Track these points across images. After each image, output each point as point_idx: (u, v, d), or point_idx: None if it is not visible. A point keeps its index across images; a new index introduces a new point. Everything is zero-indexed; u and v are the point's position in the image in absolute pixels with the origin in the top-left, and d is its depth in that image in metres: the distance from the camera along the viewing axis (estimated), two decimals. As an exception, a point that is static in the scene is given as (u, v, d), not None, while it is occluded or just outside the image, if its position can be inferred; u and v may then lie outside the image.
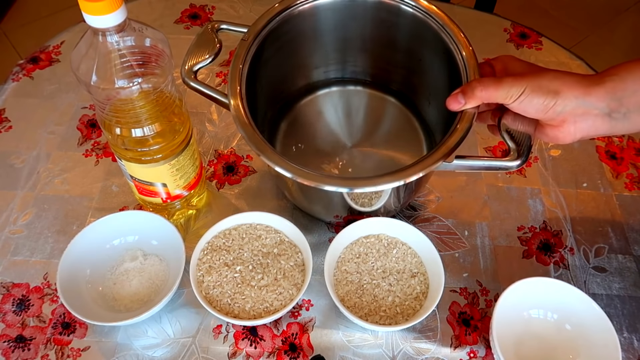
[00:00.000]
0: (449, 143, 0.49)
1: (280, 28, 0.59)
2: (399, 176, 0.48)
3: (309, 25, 0.62)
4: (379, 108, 0.70)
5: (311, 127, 0.68)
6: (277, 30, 0.59)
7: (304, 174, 0.48)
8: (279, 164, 0.48)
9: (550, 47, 0.82)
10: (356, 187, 0.48)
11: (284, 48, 0.62)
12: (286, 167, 0.48)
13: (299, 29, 0.62)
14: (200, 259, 0.55)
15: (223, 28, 0.59)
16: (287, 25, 0.60)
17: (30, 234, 0.61)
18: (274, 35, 0.59)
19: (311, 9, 0.60)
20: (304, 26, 0.62)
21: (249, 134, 0.50)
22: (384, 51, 0.67)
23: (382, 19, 0.62)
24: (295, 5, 0.59)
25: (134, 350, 0.53)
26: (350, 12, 0.62)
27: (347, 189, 0.48)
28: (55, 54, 0.80)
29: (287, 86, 0.69)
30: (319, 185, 0.48)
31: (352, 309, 0.53)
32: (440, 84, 0.61)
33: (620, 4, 1.96)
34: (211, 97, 0.54)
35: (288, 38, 0.62)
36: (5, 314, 0.55)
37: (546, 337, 0.53)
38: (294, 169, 0.48)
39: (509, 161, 0.49)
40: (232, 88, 0.53)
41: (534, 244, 0.62)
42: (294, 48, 0.64)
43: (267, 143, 0.50)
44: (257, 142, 0.50)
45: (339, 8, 0.62)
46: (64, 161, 0.68)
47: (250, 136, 0.50)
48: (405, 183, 0.48)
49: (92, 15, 0.41)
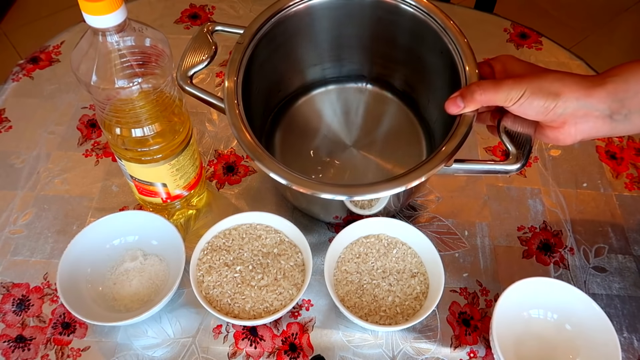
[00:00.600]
0: (447, 148, 0.49)
1: (276, 29, 0.59)
2: (398, 183, 0.48)
3: (305, 25, 0.62)
4: (378, 106, 0.70)
5: (309, 126, 0.68)
6: (272, 31, 0.59)
7: (301, 182, 0.48)
8: (277, 171, 0.48)
9: (550, 47, 0.82)
10: (355, 195, 0.48)
11: (280, 49, 0.62)
12: (283, 174, 0.48)
13: (295, 28, 0.62)
14: (200, 259, 0.55)
15: (218, 30, 0.59)
16: (283, 25, 0.60)
17: (30, 234, 0.61)
18: (270, 37, 0.59)
19: (307, 9, 0.60)
20: (300, 26, 0.62)
21: (246, 141, 0.50)
22: (382, 49, 0.67)
23: (379, 17, 0.62)
24: (290, 6, 0.59)
25: (134, 350, 0.53)
26: (346, 10, 0.62)
27: (346, 197, 0.48)
28: (55, 54, 0.80)
29: (284, 86, 0.69)
30: (316, 193, 0.48)
31: (352, 309, 0.53)
32: (439, 82, 0.61)
33: (620, 4, 1.96)
34: (207, 101, 0.54)
35: (284, 39, 0.62)
36: (5, 314, 0.55)
37: (546, 337, 0.53)
38: (291, 176, 0.48)
39: (509, 164, 0.49)
40: (229, 93, 0.53)
41: (534, 244, 0.62)
42: (290, 48, 0.64)
43: (264, 150, 0.50)
44: (254, 149, 0.50)
45: (335, 7, 0.61)
46: (64, 161, 0.68)
47: (248, 144, 0.50)
48: (405, 190, 0.48)
49: (92, 15, 0.41)
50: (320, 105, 0.70)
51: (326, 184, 0.48)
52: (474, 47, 0.55)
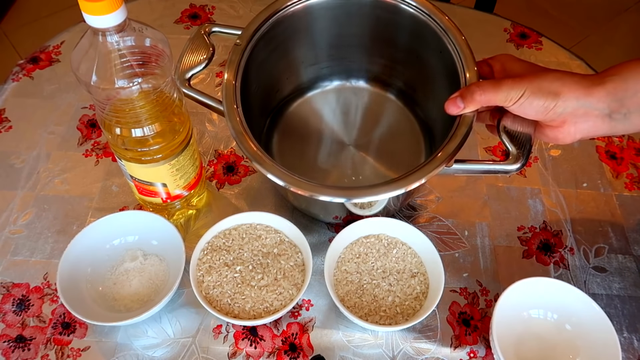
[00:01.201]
0: (447, 149, 0.49)
1: (274, 29, 0.59)
2: (398, 185, 0.48)
3: (303, 25, 0.62)
4: (377, 106, 0.70)
5: (308, 127, 0.68)
6: (270, 32, 0.59)
7: (300, 184, 0.48)
8: (276, 173, 0.48)
9: (550, 47, 0.82)
10: (354, 197, 0.48)
11: (279, 49, 0.62)
12: (282, 176, 0.48)
13: (293, 29, 0.62)
14: (200, 259, 0.55)
15: (215, 31, 0.59)
16: (281, 26, 0.60)
17: (30, 234, 0.61)
18: (268, 37, 0.59)
19: (305, 9, 0.60)
20: (298, 26, 0.62)
21: (245, 145, 0.50)
22: (381, 49, 0.67)
23: (378, 16, 0.62)
24: (288, 6, 0.59)
25: (134, 350, 0.53)
26: (344, 10, 0.62)
27: (345, 199, 0.48)
28: (55, 54, 0.80)
29: (282, 86, 0.69)
30: (315, 195, 0.48)
31: (352, 309, 0.53)
32: (439, 81, 0.60)
33: (620, 3, 1.96)
34: (206, 104, 0.54)
35: (282, 39, 0.61)
36: (5, 314, 0.55)
37: (546, 337, 0.53)
38: (290, 178, 0.48)
39: (509, 164, 0.49)
40: (227, 96, 0.53)
41: (534, 244, 0.62)
42: (289, 48, 0.64)
43: (263, 152, 0.50)
44: (253, 152, 0.50)
45: (333, 6, 0.61)
46: (64, 161, 0.68)
47: (247, 147, 0.50)
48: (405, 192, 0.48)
49: (92, 15, 0.41)
50: (318, 105, 0.70)
51: (325, 186, 0.48)
52: (474, 47, 0.55)
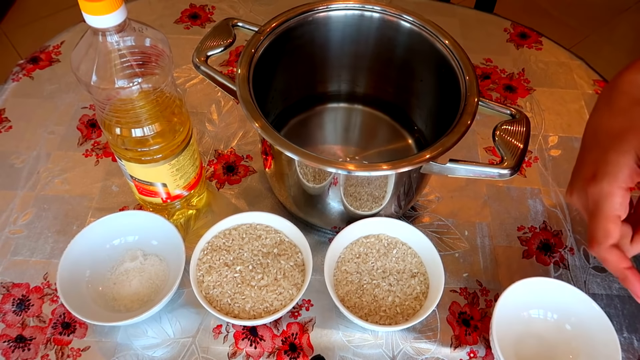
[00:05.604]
0: (444, 141, 0.48)
1: (294, 31, 0.59)
2: (390, 167, 0.48)
3: (321, 35, 0.62)
4: (375, 125, 0.70)
5: (309, 139, 0.68)
6: (290, 33, 0.59)
7: (306, 155, 0.47)
8: (285, 146, 0.48)
9: (550, 47, 0.82)
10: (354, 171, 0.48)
11: (295, 53, 0.62)
12: (288, 147, 0.48)
13: (311, 36, 0.61)
14: (200, 259, 0.55)
15: (238, 25, 0.59)
16: (301, 29, 0.60)
17: (30, 234, 0.61)
18: (286, 37, 0.59)
19: (324, 19, 0.60)
20: (316, 34, 0.62)
21: (250, 110, 0.50)
22: (386, 69, 0.66)
23: (385, 35, 0.62)
24: (312, 11, 0.59)
25: (134, 350, 0.53)
26: (358, 28, 0.62)
27: (346, 172, 0.48)
28: (55, 54, 0.80)
29: (291, 93, 0.68)
30: (320, 166, 0.47)
31: (352, 309, 0.53)
32: (441, 105, 0.60)
33: (620, 3, 1.97)
34: (219, 82, 0.54)
35: (300, 43, 0.61)
36: (5, 314, 0.55)
37: (546, 337, 0.53)
38: (296, 149, 0.48)
39: (502, 169, 0.48)
40: (241, 72, 0.53)
41: (534, 244, 0.62)
42: (303, 55, 0.63)
43: (273, 127, 0.49)
44: (258, 118, 0.50)
45: (350, 22, 0.61)
46: (64, 161, 0.68)
47: (252, 112, 0.50)
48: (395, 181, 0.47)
49: (92, 15, 0.41)
50: (320, 120, 0.70)
51: (329, 160, 0.48)
52: (474, 47, 0.55)
